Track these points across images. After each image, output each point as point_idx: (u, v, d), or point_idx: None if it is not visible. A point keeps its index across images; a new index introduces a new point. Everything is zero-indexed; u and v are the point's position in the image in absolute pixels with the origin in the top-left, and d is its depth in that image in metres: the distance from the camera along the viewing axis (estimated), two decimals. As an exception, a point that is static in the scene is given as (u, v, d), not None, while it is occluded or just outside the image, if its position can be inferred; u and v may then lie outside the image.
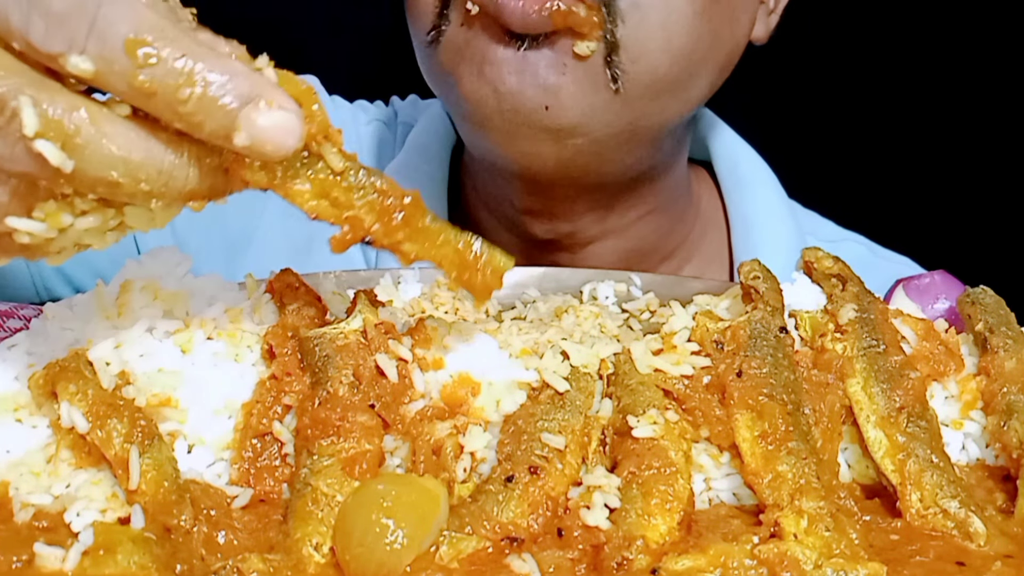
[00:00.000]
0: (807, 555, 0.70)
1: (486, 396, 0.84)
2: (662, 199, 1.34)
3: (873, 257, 1.49)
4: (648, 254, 1.36)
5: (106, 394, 0.78)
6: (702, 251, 1.42)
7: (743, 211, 1.41)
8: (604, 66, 1.09)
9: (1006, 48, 2.29)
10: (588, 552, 0.73)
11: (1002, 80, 2.31)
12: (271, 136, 0.65)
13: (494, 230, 1.34)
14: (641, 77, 1.11)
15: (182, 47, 0.64)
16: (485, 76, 1.09)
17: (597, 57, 1.08)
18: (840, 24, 2.23)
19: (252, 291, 0.90)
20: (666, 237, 1.37)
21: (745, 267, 0.95)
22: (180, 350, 0.84)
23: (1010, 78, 2.29)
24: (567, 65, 1.08)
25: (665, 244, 1.38)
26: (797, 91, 2.25)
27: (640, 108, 1.14)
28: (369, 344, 0.83)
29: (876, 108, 2.36)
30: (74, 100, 0.63)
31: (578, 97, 1.10)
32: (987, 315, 0.91)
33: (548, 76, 1.08)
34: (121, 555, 0.68)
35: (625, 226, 1.32)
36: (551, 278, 1.05)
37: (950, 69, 2.32)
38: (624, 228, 1.32)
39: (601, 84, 1.10)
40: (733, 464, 0.82)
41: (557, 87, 1.09)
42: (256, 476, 0.80)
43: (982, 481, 0.84)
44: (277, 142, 0.66)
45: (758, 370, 0.83)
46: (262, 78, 0.66)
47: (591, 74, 1.09)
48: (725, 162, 1.44)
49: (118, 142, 0.63)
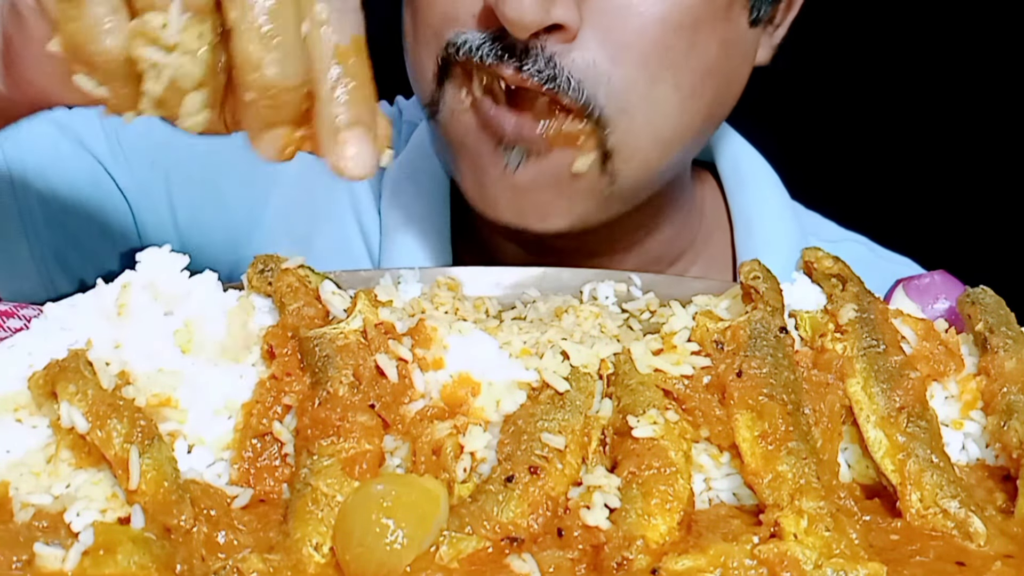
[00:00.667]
0: (807, 555, 0.70)
1: (486, 396, 0.84)
2: (669, 215, 1.34)
3: (874, 257, 1.49)
4: (654, 263, 1.37)
5: (106, 394, 0.78)
6: (707, 253, 1.43)
7: (746, 212, 1.41)
8: (600, 174, 1.12)
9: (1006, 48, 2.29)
10: (588, 552, 0.73)
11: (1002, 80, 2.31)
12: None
13: (496, 240, 1.34)
14: (635, 174, 1.15)
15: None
16: (481, 192, 1.13)
17: (593, 168, 1.11)
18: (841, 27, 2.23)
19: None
20: (672, 246, 1.38)
21: (745, 267, 0.95)
22: (180, 350, 0.84)
23: (1010, 78, 2.29)
24: (562, 186, 1.12)
25: (671, 251, 1.38)
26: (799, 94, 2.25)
27: (634, 193, 1.18)
28: (369, 344, 0.83)
29: (877, 110, 2.37)
30: None
31: (574, 208, 1.15)
32: (987, 315, 0.91)
33: (542, 197, 1.13)
34: (121, 555, 0.68)
35: (633, 243, 1.33)
36: (551, 278, 1.05)
37: (950, 71, 2.32)
38: (632, 245, 1.33)
39: (596, 191, 1.14)
40: (733, 464, 0.82)
41: (553, 204, 1.13)
42: (256, 476, 0.80)
43: (982, 481, 0.84)
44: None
45: (758, 370, 0.83)
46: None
47: (587, 186, 1.13)
48: (728, 163, 1.45)
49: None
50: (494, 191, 1.14)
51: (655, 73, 1.10)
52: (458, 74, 1.12)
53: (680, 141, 1.16)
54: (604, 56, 1.08)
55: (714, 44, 1.13)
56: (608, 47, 1.08)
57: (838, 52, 2.30)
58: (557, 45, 1.07)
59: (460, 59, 1.09)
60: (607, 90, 1.08)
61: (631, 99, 1.09)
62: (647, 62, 1.09)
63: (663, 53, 1.10)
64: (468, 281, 1.02)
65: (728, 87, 1.20)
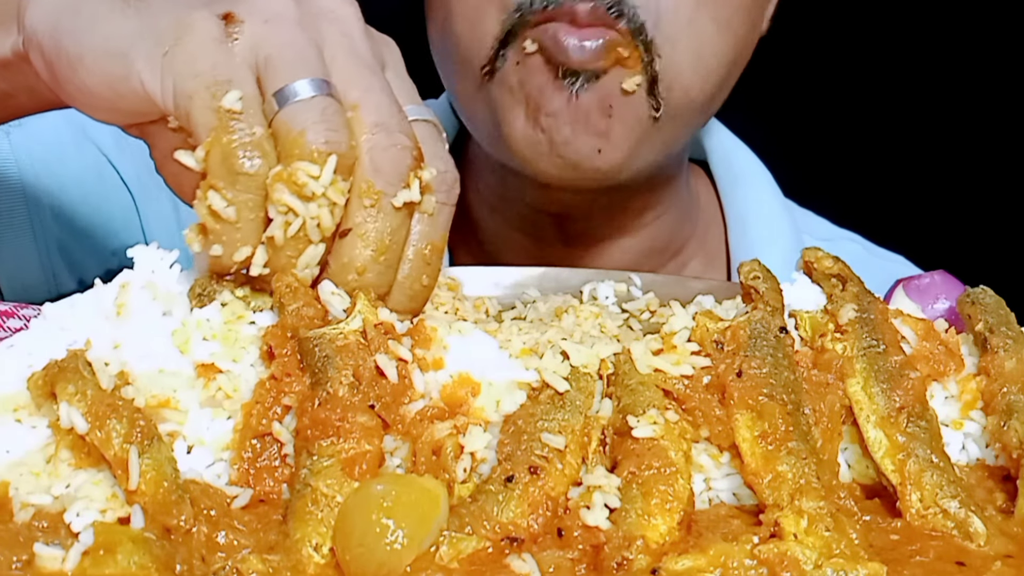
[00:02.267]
0: (807, 555, 0.70)
1: (486, 396, 0.84)
2: (673, 199, 1.36)
3: (868, 256, 1.49)
4: (660, 252, 1.38)
5: (105, 394, 0.78)
6: (705, 248, 1.44)
7: (739, 209, 1.43)
8: (647, 98, 1.18)
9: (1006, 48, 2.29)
10: (588, 552, 0.73)
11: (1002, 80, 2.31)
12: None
13: (498, 229, 1.34)
14: (677, 101, 1.20)
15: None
16: (541, 125, 1.16)
17: (641, 91, 1.17)
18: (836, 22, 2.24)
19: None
20: (676, 234, 1.39)
21: (745, 267, 0.95)
22: (179, 350, 0.84)
23: (1010, 78, 2.29)
24: (613, 106, 1.17)
25: (675, 241, 1.39)
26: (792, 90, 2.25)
27: (672, 131, 1.23)
28: (369, 344, 0.83)
29: (873, 107, 2.36)
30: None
31: (626, 135, 1.19)
32: (987, 315, 0.91)
33: (599, 122, 1.17)
34: (121, 555, 0.68)
35: (640, 226, 1.34)
36: (551, 278, 1.05)
37: (948, 68, 2.32)
38: (639, 228, 1.34)
39: (644, 116, 1.19)
40: (733, 464, 0.82)
41: (608, 130, 1.17)
42: (256, 476, 0.80)
43: (982, 481, 0.84)
44: None
45: (758, 370, 0.83)
46: None
47: (635, 109, 1.18)
48: (720, 160, 1.46)
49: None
50: (559, 121, 1.17)
51: (699, 2, 1.17)
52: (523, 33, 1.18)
53: (717, 73, 1.22)
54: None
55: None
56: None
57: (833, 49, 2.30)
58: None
59: (533, 13, 1.15)
60: (657, 17, 1.15)
61: (677, 26, 1.16)
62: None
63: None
64: (468, 281, 1.02)
65: (752, 31, 1.27)
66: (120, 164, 1.37)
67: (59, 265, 1.35)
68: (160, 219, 1.39)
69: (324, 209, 0.81)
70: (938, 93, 2.33)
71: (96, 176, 1.36)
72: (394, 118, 0.84)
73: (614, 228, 1.33)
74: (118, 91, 0.84)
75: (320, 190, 0.80)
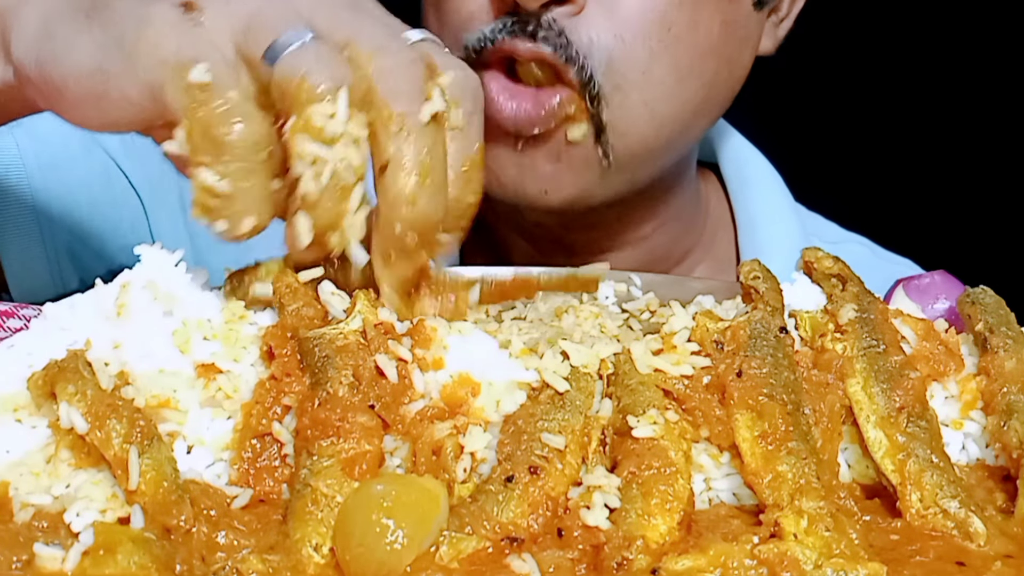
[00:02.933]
0: (807, 555, 0.70)
1: (486, 396, 0.84)
2: (675, 208, 1.35)
3: (875, 258, 1.49)
4: (663, 259, 1.37)
5: (105, 394, 0.78)
6: (712, 253, 1.44)
7: (749, 212, 1.42)
8: (595, 146, 1.16)
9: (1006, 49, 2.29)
10: (588, 552, 0.73)
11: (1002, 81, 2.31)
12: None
13: (507, 235, 1.34)
14: (630, 149, 1.18)
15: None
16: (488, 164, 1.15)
17: (588, 140, 1.15)
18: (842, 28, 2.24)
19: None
20: (680, 243, 1.39)
21: (745, 267, 0.95)
22: (179, 350, 0.84)
23: (1010, 79, 2.30)
24: (561, 153, 1.15)
25: (678, 249, 1.39)
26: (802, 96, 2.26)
27: (632, 172, 1.21)
28: (369, 344, 0.83)
29: (878, 112, 2.37)
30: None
31: (574, 178, 1.17)
32: (987, 315, 0.91)
33: (545, 167, 1.16)
34: (121, 555, 0.68)
35: (640, 238, 1.33)
36: (551, 278, 1.05)
37: (951, 71, 2.32)
38: (639, 239, 1.34)
39: (594, 162, 1.17)
40: (733, 464, 0.82)
41: (554, 174, 1.17)
42: (256, 476, 0.80)
43: (982, 481, 0.84)
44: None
45: (758, 370, 0.83)
46: None
47: (584, 156, 1.16)
48: (731, 164, 1.46)
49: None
50: (499, 168, 1.16)
51: (654, 50, 1.13)
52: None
53: (677, 120, 1.18)
54: (607, 30, 1.11)
55: (716, 24, 1.15)
56: (612, 21, 1.11)
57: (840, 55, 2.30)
58: (566, 19, 1.10)
59: (478, 50, 1.13)
60: (607, 66, 1.11)
61: (628, 76, 1.12)
62: (648, 38, 1.12)
63: (664, 30, 1.12)
64: (468, 281, 1.02)
65: (729, 70, 1.21)
66: (128, 168, 1.37)
67: (67, 269, 1.35)
68: (169, 222, 1.38)
69: (351, 148, 0.77)
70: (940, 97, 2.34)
71: (104, 180, 1.35)
72: (392, 40, 0.81)
73: (614, 240, 1.33)
74: (106, 108, 0.84)
75: (340, 128, 0.77)
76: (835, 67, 2.31)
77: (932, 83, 2.33)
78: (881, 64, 2.35)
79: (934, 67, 2.32)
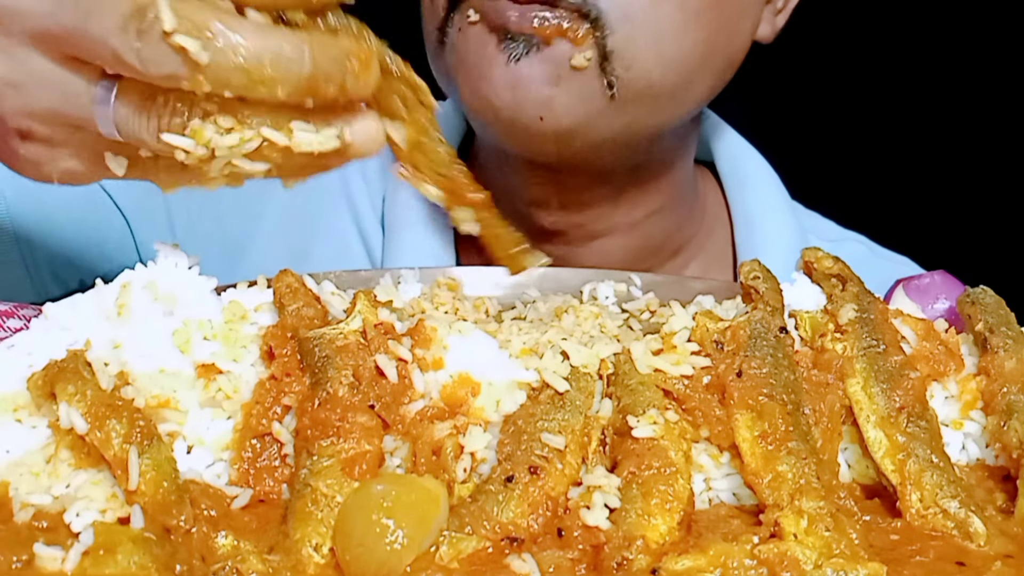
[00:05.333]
0: (807, 555, 0.70)
1: (486, 396, 0.84)
2: (669, 197, 1.35)
3: (873, 257, 1.49)
4: (655, 251, 1.37)
5: (105, 395, 0.78)
6: (708, 249, 1.44)
7: (746, 210, 1.42)
8: (599, 74, 1.13)
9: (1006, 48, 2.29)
10: (588, 552, 0.73)
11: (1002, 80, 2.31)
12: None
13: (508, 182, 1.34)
14: (635, 84, 1.15)
15: None
16: (482, 92, 1.13)
17: (592, 66, 1.13)
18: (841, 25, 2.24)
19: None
20: (673, 234, 1.38)
21: (745, 267, 0.95)
22: (179, 350, 0.84)
23: (1010, 78, 2.30)
24: (562, 77, 1.13)
25: (672, 241, 1.39)
26: (799, 93, 2.26)
27: (634, 113, 1.18)
28: (369, 344, 0.83)
29: (877, 110, 2.37)
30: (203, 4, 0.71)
31: (572, 107, 1.14)
32: (987, 315, 0.91)
33: (542, 90, 1.13)
34: (121, 555, 0.68)
35: (633, 223, 1.33)
36: (551, 278, 1.05)
37: (950, 70, 2.32)
38: (632, 225, 1.34)
39: (597, 92, 1.14)
40: (733, 464, 0.82)
41: (551, 99, 1.13)
42: (256, 476, 0.80)
43: (982, 481, 0.84)
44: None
45: (758, 370, 0.83)
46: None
47: (586, 84, 1.14)
48: (728, 162, 1.46)
49: (243, 32, 0.70)
50: (496, 87, 1.14)
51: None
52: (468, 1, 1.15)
53: (681, 67, 1.17)
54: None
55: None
56: None
57: (838, 52, 2.30)
58: None
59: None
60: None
61: (636, 5, 1.12)
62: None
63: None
64: (468, 281, 1.02)
65: (728, 36, 1.21)
66: (112, 190, 1.36)
67: (53, 288, 1.34)
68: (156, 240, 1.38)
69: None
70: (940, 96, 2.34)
71: (86, 201, 1.34)
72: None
73: (606, 224, 1.32)
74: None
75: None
76: (832, 65, 2.31)
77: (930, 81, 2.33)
78: (879, 62, 2.35)
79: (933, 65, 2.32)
